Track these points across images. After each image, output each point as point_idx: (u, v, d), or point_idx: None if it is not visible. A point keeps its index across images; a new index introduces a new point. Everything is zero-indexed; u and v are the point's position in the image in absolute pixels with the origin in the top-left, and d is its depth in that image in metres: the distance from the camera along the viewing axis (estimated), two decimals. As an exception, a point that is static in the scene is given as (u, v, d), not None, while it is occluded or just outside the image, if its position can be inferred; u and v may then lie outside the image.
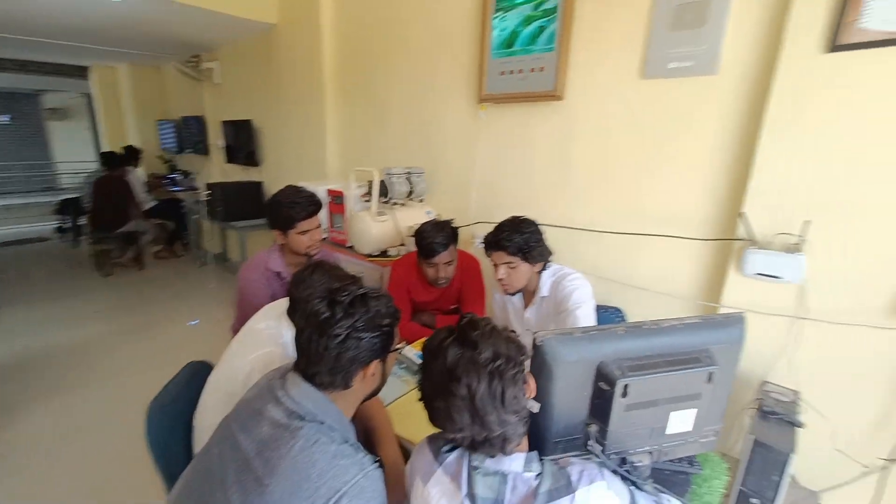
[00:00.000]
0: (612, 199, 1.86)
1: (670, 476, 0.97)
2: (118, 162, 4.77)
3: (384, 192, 2.27)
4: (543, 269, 1.56)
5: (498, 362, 0.66)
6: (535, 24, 1.93)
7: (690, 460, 0.97)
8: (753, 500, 1.08)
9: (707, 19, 1.51)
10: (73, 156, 9.41)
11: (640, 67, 1.70)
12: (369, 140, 2.95)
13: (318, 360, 0.77)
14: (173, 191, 5.33)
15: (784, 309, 1.44)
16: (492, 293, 1.82)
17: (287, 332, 1.17)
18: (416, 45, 2.50)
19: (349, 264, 2.29)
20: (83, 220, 5.52)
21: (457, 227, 1.67)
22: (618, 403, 0.80)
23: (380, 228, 2.24)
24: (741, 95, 1.50)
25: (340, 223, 2.49)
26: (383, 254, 2.35)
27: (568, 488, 0.67)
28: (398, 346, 0.90)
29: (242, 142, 4.08)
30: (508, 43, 2.03)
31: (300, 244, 1.60)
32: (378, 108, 2.81)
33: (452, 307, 1.89)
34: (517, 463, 0.68)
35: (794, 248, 1.38)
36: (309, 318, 0.79)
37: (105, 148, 6.17)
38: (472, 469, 0.69)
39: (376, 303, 0.82)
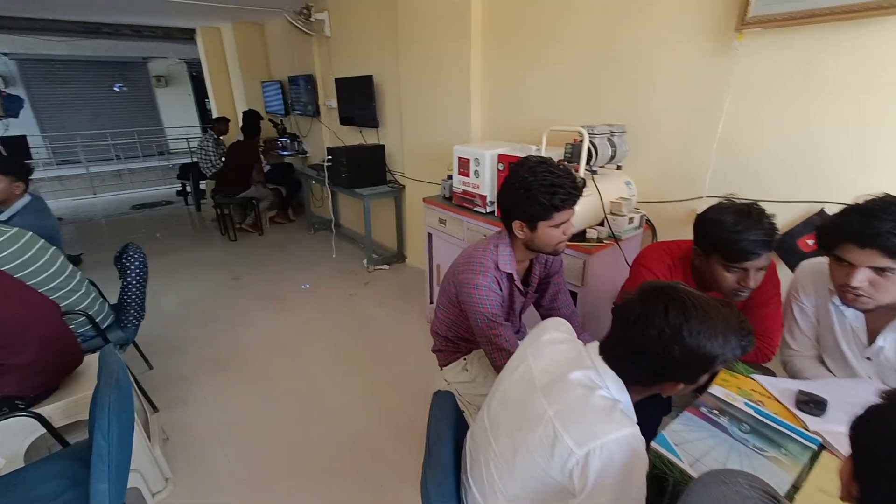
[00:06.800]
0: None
1: None
2: (257, 130, 4.80)
3: (587, 157, 1.79)
4: None
5: None
6: None
7: None
8: None
9: None
10: (178, 121, 9.86)
11: None
12: (526, 95, 2.45)
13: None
14: (282, 155, 5.25)
15: None
16: (796, 296, 1.28)
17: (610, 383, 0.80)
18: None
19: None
20: (203, 185, 5.69)
21: (771, 216, 1.15)
22: None
23: (584, 204, 1.79)
24: None
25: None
26: (579, 236, 1.91)
27: None
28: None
29: (360, 101, 3.74)
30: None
31: (550, 240, 1.20)
32: (542, 52, 2.28)
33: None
34: None
35: None
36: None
37: (215, 113, 6.24)
38: None
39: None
